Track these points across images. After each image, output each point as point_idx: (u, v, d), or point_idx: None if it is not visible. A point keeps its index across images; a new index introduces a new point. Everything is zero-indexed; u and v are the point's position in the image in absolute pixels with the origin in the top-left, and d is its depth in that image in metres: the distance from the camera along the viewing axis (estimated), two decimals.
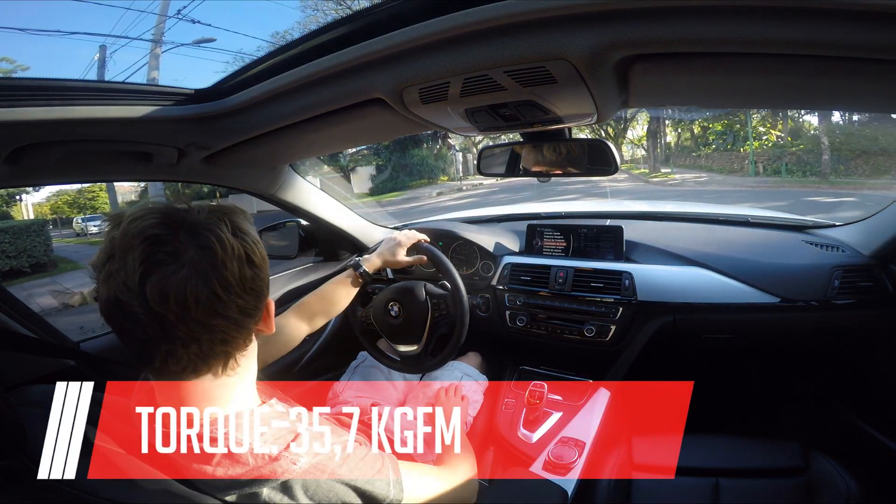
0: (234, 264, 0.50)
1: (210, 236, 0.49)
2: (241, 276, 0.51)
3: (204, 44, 10.40)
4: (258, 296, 0.54)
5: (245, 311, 0.52)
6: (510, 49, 0.56)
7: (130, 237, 0.47)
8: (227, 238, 0.50)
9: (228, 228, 0.51)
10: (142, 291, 0.46)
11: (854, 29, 0.43)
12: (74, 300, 6.31)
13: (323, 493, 0.53)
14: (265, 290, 0.56)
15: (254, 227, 0.56)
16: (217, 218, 0.51)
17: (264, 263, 0.55)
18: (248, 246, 0.52)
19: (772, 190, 10.36)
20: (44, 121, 0.68)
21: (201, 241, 0.49)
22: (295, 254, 1.54)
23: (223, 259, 0.49)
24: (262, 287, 0.55)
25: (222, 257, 0.49)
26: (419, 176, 16.06)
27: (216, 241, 0.49)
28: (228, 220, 0.52)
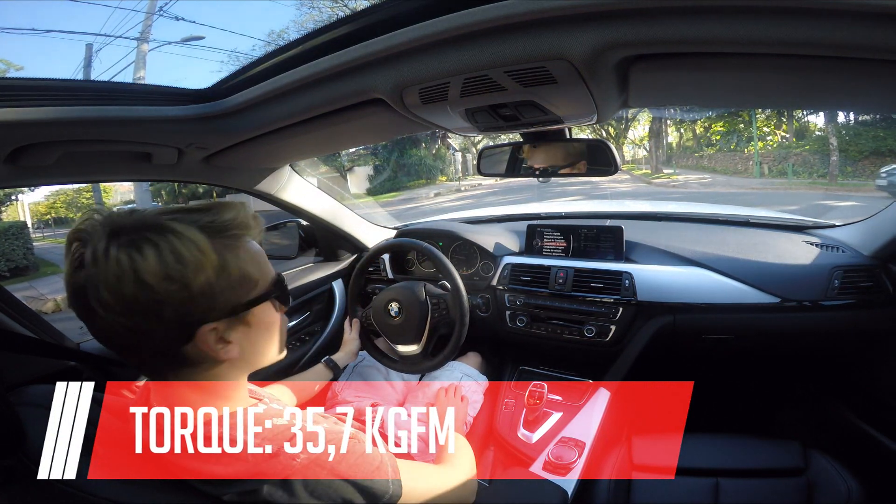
0: (112, 280, 0.46)
1: (87, 248, 0.46)
2: (121, 294, 0.46)
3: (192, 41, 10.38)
4: (155, 318, 0.47)
5: (137, 333, 0.48)
6: (510, 49, 0.56)
7: (68, 243, 0.49)
8: (113, 254, 0.46)
9: (123, 241, 0.46)
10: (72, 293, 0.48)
11: (854, 29, 0.43)
12: (48, 307, 5.92)
13: (323, 489, 0.53)
14: (174, 314, 0.48)
15: (197, 236, 0.49)
16: (127, 229, 0.47)
17: (166, 283, 0.46)
18: (137, 264, 0.45)
19: (779, 192, 10.25)
20: (44, 121, 0.68)
21: (90, 251, 0.46)
22: (295, 254, 1.54)
23: (97, 275, 0.46)
24: (160, 310, 0.47)
25: (94, 272, 0.46)
26: (417, 176, 16.05)
27: (90, 254, 0.46)
28: (152, 228, 0.47)
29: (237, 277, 0.52)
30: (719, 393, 1.61)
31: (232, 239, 0.52)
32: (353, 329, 1.27)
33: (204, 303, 0.49)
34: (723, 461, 1.03)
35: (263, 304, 0.56)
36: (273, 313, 0.58)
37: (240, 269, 0.52)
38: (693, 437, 1.12)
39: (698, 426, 1.16)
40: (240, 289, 0.52)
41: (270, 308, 0.57)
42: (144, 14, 9.70)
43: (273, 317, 0.58)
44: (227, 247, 0.51)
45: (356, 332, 1.26)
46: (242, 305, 0.53)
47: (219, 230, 0.51)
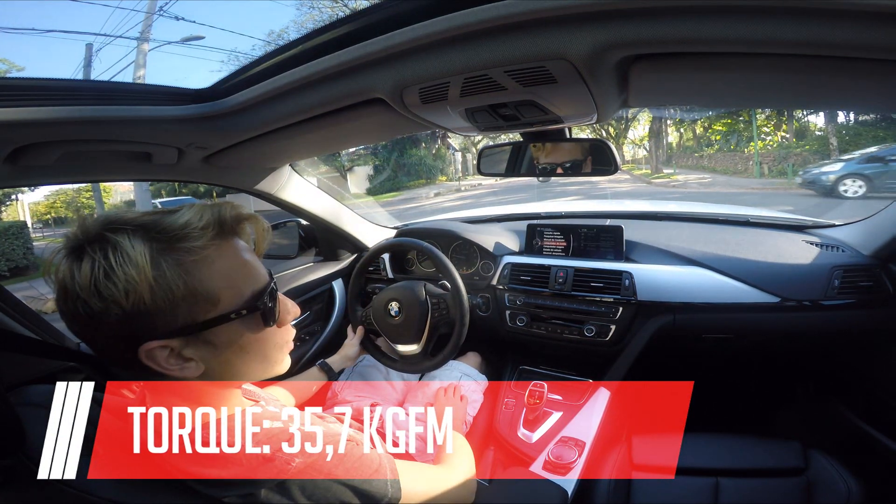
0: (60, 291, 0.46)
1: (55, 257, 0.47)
2: (67, 305, 0.46)
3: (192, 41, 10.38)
4: (95, 331, 0.47)
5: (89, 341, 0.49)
6: (510, 49, 0.56)
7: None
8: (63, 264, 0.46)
9: (69, 251, 0.46)
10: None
11: (854, 29, 0.43)
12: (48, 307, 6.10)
13: (320, 493, 0.53)
14: (106, 330, 0.46)
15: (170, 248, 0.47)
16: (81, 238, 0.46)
17: (94, 299, 0.44)
18: (73, 275, 0.45)
19: (779, 192, 10.24)
20: (44, 121, 0.68)
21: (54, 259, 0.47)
22: (295, 254, 1.54)
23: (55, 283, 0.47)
24: (97, 325, 0.46)
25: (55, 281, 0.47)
26: (417, 176, 16.04)
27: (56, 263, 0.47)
28: (83, 244, 0.46)
29: (184, 295, 0.47)
30: (719, 393, 1.61)
31: (183, 252, 0.47)
32: (356, 336, 1.27)
33: (140, 321, 0.46)
34: (723, 461, 1.03)
35: (232, 323, 0.51)
36: (250, 332, 0.53)
37: (188, 287, 0.47)
38: (693, 436, 1.12)
39: (698, 426, 1.16)
40: (193, 307, 0.48)
41: (244, 327, 0.52)
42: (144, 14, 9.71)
43: (250, 336, 0.53)
44: (175, 262, 0.46)
45: (357, 338, 1.26)
46: (198, 325, 0.49)
47: (169, 240, 0.47)
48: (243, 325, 0.52)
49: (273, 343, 0.57)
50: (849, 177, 7.74)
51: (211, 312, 0.49)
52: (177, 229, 0.47)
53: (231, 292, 0.51)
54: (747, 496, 0.97)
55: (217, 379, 0.54)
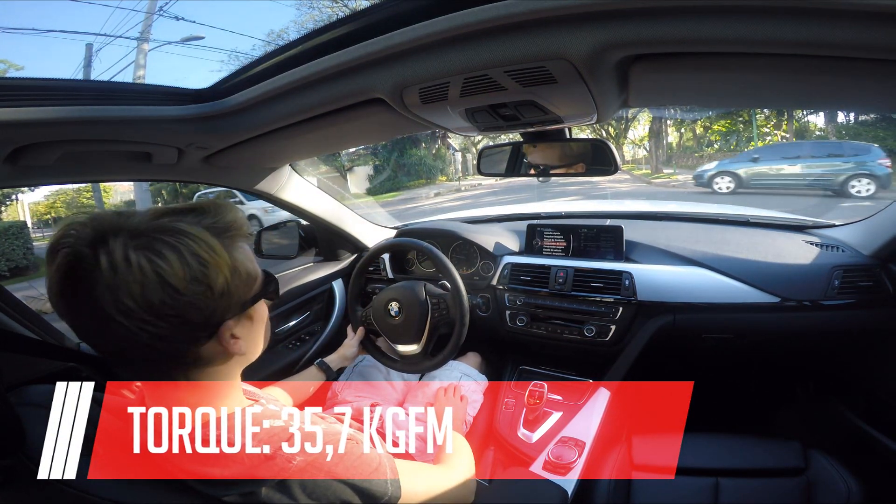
0: (135, 287, 0.44)
1: (103, 255, 0.44)
2: (147, 300, 0.45)
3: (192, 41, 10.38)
4: (181, 321, 0.48)
5: (162, 338, 0.47)
6: (510, 49, 0.56)
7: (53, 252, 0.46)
8: (123, 257, 0.44)
9: (138, 246, 0.45)
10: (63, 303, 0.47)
11: (854, 29, 0.43)
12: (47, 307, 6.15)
13: (321, 491, 0.53)
14: (198, 316, 0.49)
15: (227, 235, 0.51)
16: (150, 229, 0.47)
17: (198, 287, 0.47)
18: (161, 268, 0.45)
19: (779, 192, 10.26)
20: (44, 121, 0.68)
21: (107, 257, 0.44)
22: (295, 254, 1.54)
23: (116, 281, 0.44)
24: (186, 312, 0.47)
25: (114, 280, 0.44)
26: (417, 176, 16.04)
27: (119, 261, 0.44)
28: (163, 231, 0.47)
29: (244, 275, 0.53)
30: (719, 393, 1.61)
31: (232, 239, 0.53)
32: (355, 336, 1.27)
33: (224, 302, 0.51)
34: (723, 461, 1.03)
35: (262, 298, 0.58)
36: (265, 306, 0.60)
37: (245, 267, 0.53)
38: (693, 436, 1.12)
39: (698, 426, 1.16)
40: (245, 286, 0.54)
41: (264, 301, 0.60)
42: (144, 14, 9.71)
43: (265, 310, 0.61)
44: (231, 247, 0.52)
45: (357, 339, 1.27)
46: (249, 301, 0.55)
47: (222, 231, 0.51)
48: (265, 298, 0.59)
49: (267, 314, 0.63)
50: (721, 174, 8.65)
51: (254, 289, 0.55)
52: (228, 222, 0.52)
53: (258, 273, 0.57)
54: (747, 496, 0.97)
55: (248, 356, 0.58)
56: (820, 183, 7.66)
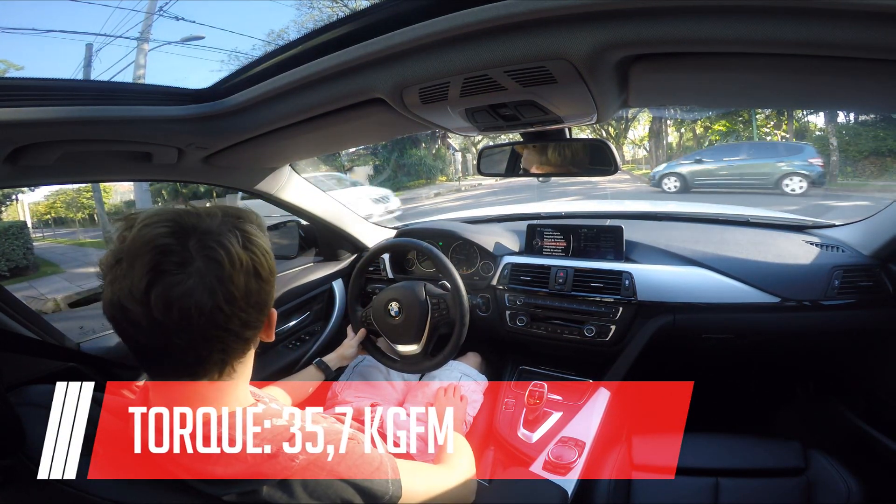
0: (241, 278, 0.49)
1: (219, 249, 0.48)
2: (247, 289, 0.50)
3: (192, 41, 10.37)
4: (262, 308, 0.54)
5: (247, 324, 0.52)
6: (510, 49, 0.56)
7: (140, 244, 0.47)
8: (236, 251, 0.49)
9: (239, 240, 0.50)
10: (146, 299, 0.46)
11: (854, 29, 0.43)
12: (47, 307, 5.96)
13: (322, 490, 0.53)
14: (270, 302, 0.55)
15: (266, 235, 0.55)
16: (228, 228, 0.51)
17: (272, 277, 0.54)
18: (257, 259, 0.51)
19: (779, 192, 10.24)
20: (44, 121, 0.68)
21: (210, 252, 0.48)
22: (295, 254, 1.54)
23: (230, 273, 0.48)
24: (267, 300, 0.54)
25: (229, 271, 0.48)
26: (417, 176, 16.03)
27: (225, 254, 0.48)
28: (240, 230, 0.51)
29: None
30: (719, 393, 1.61)
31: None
32: (355, 336, 1.27)
33: (269, 290, 0.55)
34: (723, 461, 1.03)
35: None
36: None
37: None
38: (693, 436, 1.12)
39: (698, 426, 1.16)
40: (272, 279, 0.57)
41: None
42: (144, 14, 9.70)
43: None
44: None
45: (356, 339, 1.26)
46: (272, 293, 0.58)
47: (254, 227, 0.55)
48: None
49: None
50: (668, 175, 9.17)
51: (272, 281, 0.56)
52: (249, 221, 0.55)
53: None
54: (747, 496, 0.97)
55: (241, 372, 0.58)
56: (757, 182, 8.05)
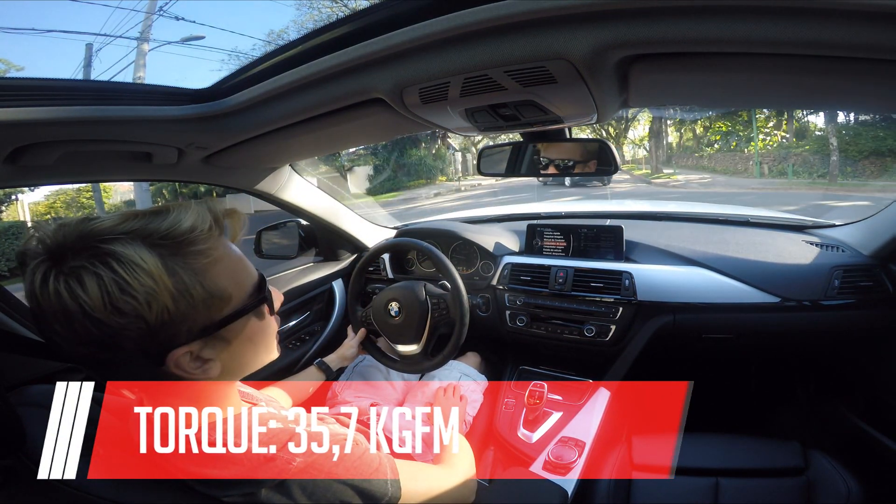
0: (60, 316, 0.42)
1: (32, 282, 0.43)
2: (73, 329, 0.42)
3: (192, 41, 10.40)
4: (117, 349, 0.44)
5: (106, 362, 0.46)
6: (510, 49, 0.56)
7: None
8: (51, 286, 0.41)
9: (61, 271, 0.42)
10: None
11: (854, 29, 0.43)
12: None
13: (321, 492, 0.53)
14: (131, 345, 0.44)
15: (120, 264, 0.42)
16: (61, 254, 0.43)
17: (115, 317, 0.42)
18: (79, 297, 0.41)
19: (779, 192, 10.23)
20: (44, 121, 0.68)
21: (30, 285, 0.43)
22: (295, 254, 1.54)
23: (46, 309, 0.42)
24: (119, 342, 0.43)
25: (45, 306, 0.42)
26: (417, 176, 16.04)
27: (37, 289, 0.42)
28: (76, 260, 0.42)
29: (203, 297, 0.47)
30: (719, 393, 1.61)
31: (193, 256, 0.46)
32: (355, 337, 1.27)
33: (165, 331, 0.45)
34: (723, 461, 1.03)
35: (243, 316, 0.52)
36: (256, 323, 0.54)
37: (205, 289, 0.47)
38: (693, 437, 1.12)
39: (698, 426, 1.16)
40: (209, 308, 0.48)
41: (252, 319, 0.54)
42: (144, 14, 9.71)
43: (256, 327, 0.54)
44: (188, 266, 0.46)
45: (357, 340, 1.26)
46: (215, 325, 0.49)
47: (177, 245, 0.45)
48: (249, 317, 0.53)
49: (270, 331, 0.58)
50: None
51: (225, 310, 0.50)
52: (184, 233, 0.46)
53: (237, 287, 0.51)
54: (747, 496, 0.97)
55: (231, 374, 0.55)
56: None
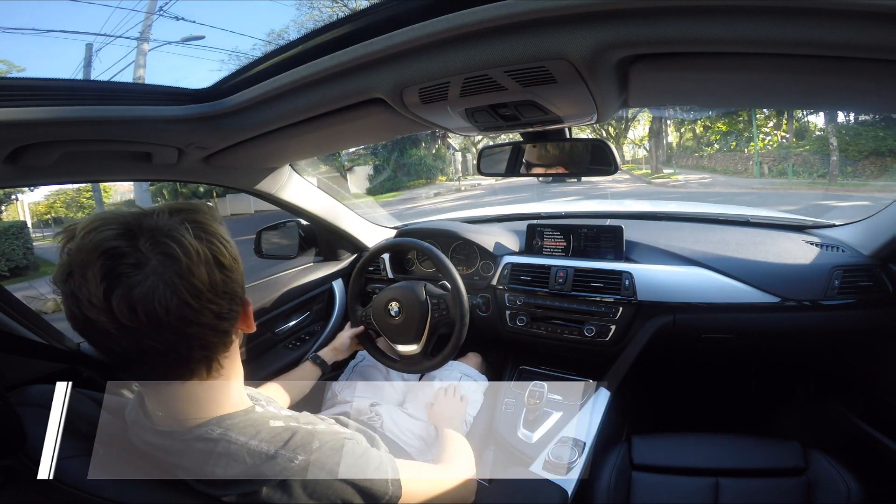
0: (202, 269, 0.47)
1: (171, 243, 0.46)
2: (211, 281, 0.48)
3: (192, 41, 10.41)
4: (232, 298, 0.52)
5: (220, 315, 0.50)
6: (510, 49, 0.56)
7: (87, 252, 0.44)
8: (189, 243, 0.47)
9: (191, 232, 0.48)
10: (108, 307, 0.43)
11: (854, 29, 0.43)
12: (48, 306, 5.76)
13: (322, 490, 0.53)
14: (240, 291, 0.53)
15: (223, 225, 0.53)
16: (178, 221, 0.48)
17: (236, 264, 0.52)
18: (215, 248, 0.49)
19: (779, 192, 10.23)
20: (44, 121, 0.68)
21: (163, 248, 0.46)
22: (295, 254, 1.54)
23: (188, 265, 0.46)
24: (235, 289, 0.52)
25: (187, 264, 0.46)
26: (417, 176, 16.06)
27: (178, 248, 0.46)
28: (191, 222, 0.49)
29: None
30: (719, 393, 1.61)
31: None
32: (349, 330, 1.26)
33: (240, 290, 0.54)
34: (723, 461, 1.03)
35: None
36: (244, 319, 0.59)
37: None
38: (693, 436, 1.12)
39: (698, 426, 1.16)
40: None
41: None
42: (144, 14, 9.72)
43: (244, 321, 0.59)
44: None
45: (351, 332, 1.25)
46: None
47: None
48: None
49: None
50: None
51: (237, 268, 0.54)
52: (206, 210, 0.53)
53: None
54: (747, 496, 0.97)
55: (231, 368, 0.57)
56: None
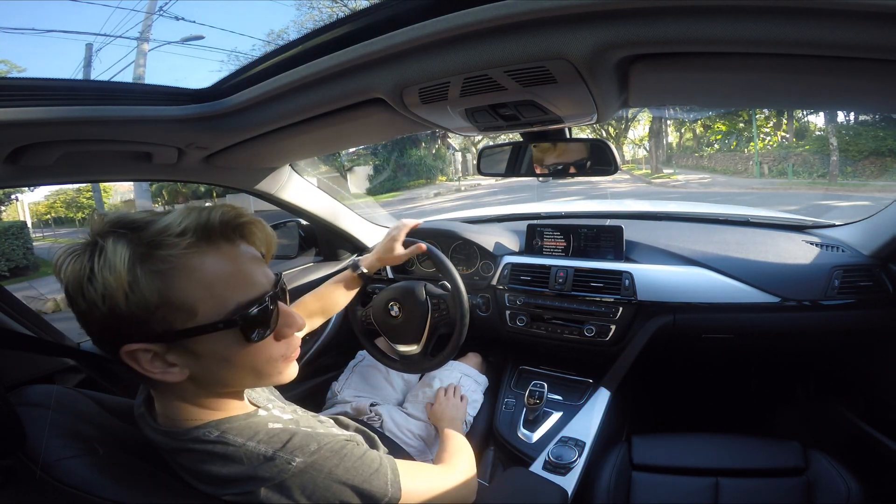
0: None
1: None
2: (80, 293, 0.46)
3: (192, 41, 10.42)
4: (88, 327, 0.48)
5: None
6: (510, 49, 0.56)
7: None
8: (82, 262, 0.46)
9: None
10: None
11: (854, 29, 0.43)
12: (48, 306, 5.93)
13: (320, 492, 0.53)
14: (93, 327, 0.47)
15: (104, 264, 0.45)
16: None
17: (80, 300, 0.45)
18: (68, 276, 0.47)
19: (779, 192, 10.23)
20: (44, 121, 0.68)
21: None
22: (295, 254, 1.54)
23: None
24: (87, 321, 0.47)
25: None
26: (417, 176, 16.07)
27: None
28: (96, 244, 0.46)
29: (159, 304, 0.45)
30: (719, 393, 1.61)
31: (161, 261, 0.45)
32: (402, 233, 1.13)
33: (119, 324, 0.46)
34: (723, 461, 1.03)
35: (214, 334, 0.48)
36: (235, 344, 0.50)
37: (164, 297, 0.45)
38: (693, 436, 1.12)
39: (698, 426, 1.16)
40: (168, 315, 0.46)
41: (227, 338, 0.49)
42: (144, 14, 9.72)
43: (235, 348, 0.50)
44: (155, 270, 0.45)
45: (406, 252, 1.12)
46: (173, 334, 0.47)
47: (151, 246, 0.45)
48: (226, 336, 0.49)
49: (265, 357, 0.53)
50: None
51: (188, 322, 0.47)
52: (154, 235, 0.46)
53: (212, 302, 0.48)
54: (747, 496, 0.97)
55: (205, 386, 0.53)
56: None
